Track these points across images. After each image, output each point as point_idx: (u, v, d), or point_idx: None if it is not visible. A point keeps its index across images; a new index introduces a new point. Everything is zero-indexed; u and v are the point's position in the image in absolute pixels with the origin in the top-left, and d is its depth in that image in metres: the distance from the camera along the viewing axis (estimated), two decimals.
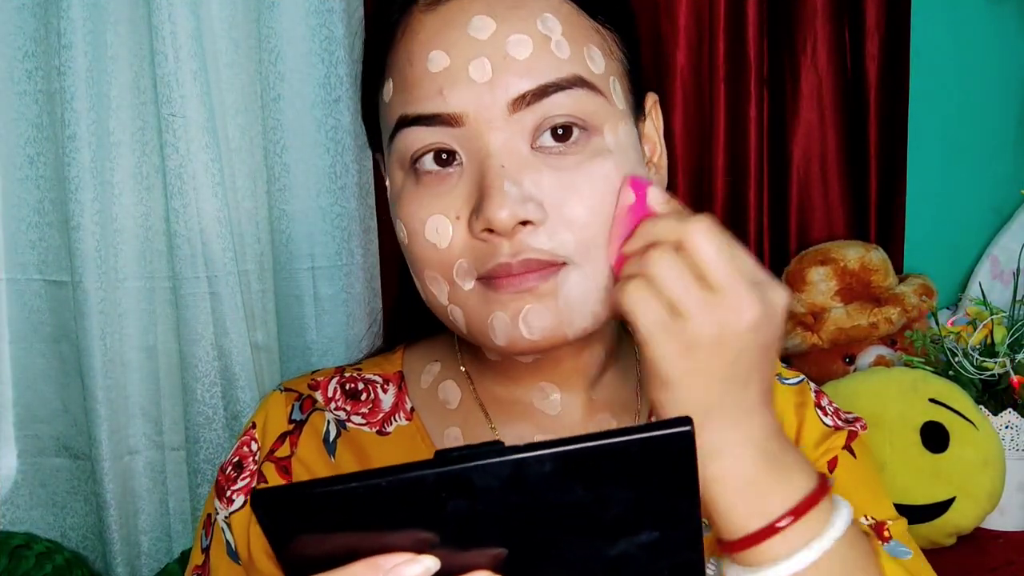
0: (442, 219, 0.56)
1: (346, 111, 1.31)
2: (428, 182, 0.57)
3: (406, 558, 0.39)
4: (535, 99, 0.55)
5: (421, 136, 0.56)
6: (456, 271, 0.57)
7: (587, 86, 0.56)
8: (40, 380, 1.34)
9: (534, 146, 0.56)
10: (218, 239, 1.27)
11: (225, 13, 1.30)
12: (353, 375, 0.71)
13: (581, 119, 0.56)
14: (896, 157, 1.51)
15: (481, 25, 0.55)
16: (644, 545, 0.40)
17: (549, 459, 0.38)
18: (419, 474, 0.38)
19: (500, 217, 0.53)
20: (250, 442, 0.68)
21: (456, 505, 0.38)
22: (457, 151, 0.56)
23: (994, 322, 1.24)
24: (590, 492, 0.38)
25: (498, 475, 0.38)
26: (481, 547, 0.39)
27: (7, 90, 1.28)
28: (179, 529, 1.36)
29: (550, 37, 0.55)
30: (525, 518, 0.39)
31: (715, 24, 1.42)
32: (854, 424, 0.71)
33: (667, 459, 0.39)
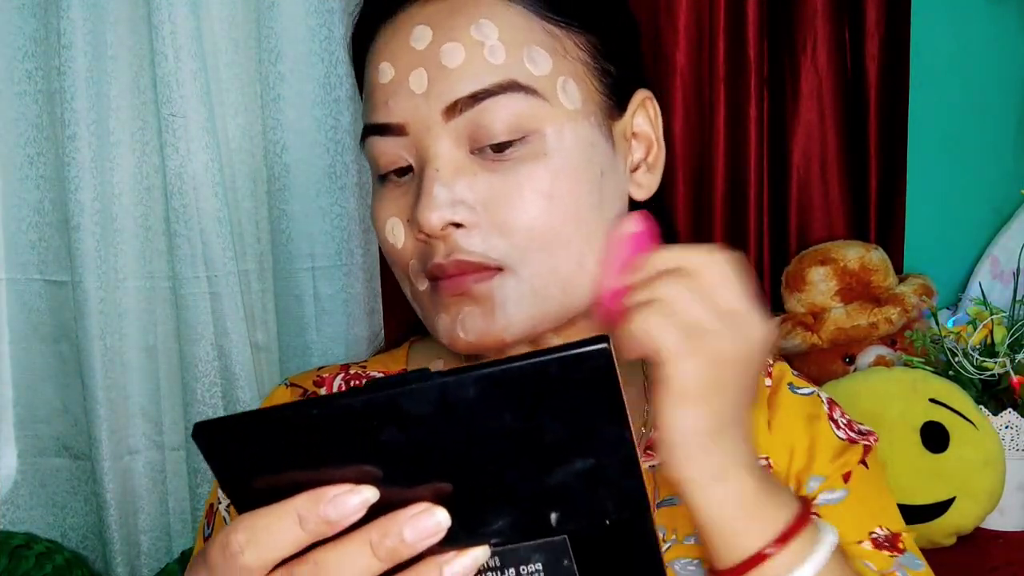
0: (396, 221, 0.59)
1: (346, 111, 1.31)
2: (391, 187, 0.60)
3: (346, 488, 0.39)
4: (467, 106, 0.56)
5: (379, 146, 0.59)
6: (411, 270, 0.60)
7: (523, 89, 0.56)
8: (40, 380, 1.34)
9: (472, 151, 0.57)
10: (218, 239, 1.27)
11: (225, 13, 1.30)
12: (358, 372, 0.72)
13: (519, 129, 0.56)
14: (896, 157, 1.51)
15: (420, 35, 0.57)
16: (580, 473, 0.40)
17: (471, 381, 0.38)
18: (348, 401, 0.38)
19: (427, 219, 0.55)
20: None
21: (390, 434, 0.38)
22: (407, 158, 0.58)
23: (994, 322, 1.23)
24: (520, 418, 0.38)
25: (427, 400, 0.38)
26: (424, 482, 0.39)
27: (7, 90, 1.28)
28: (179, 529, 1.36)
29: (483, 43, 0.56)
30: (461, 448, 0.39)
31: (715, 24, 1.42)
32: (868, 437, 0.70)
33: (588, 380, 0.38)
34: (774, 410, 0.69)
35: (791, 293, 1.44)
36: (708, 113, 1.45)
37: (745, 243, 1.47)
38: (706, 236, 1.47)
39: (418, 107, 0.56)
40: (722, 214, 1.46)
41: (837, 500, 0.65)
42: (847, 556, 0.55)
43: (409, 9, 0.58)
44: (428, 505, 0.39)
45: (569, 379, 0.38)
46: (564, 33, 0.59)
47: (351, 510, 0.39)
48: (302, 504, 0.39)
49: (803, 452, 0.67)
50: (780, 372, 0.72)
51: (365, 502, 0.39)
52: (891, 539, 0.65)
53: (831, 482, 0.66)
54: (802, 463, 0.67)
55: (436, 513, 0.39)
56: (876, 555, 0.63)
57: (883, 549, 0.64)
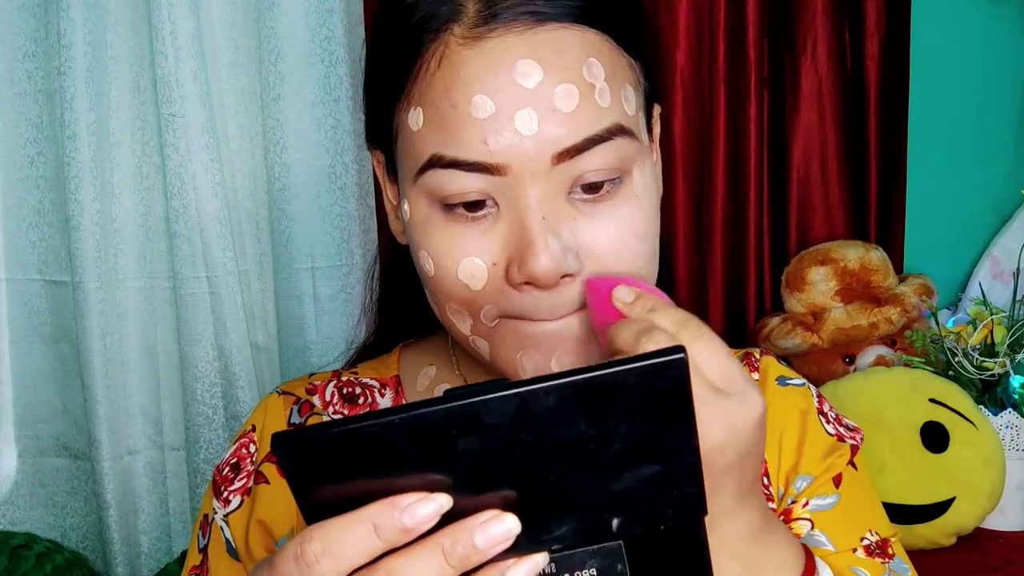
0: (477, 262, 0.55)
1: (346, 111, 1.31)
2: (460, 220, 0.56)
3: (420, 497, 0.39)
4: (578, 152, 0.54)
5: (458, 180, 0.54)
6: (484, 313, 0.57)
7: (624, 133, 0.55)
8: (40, 380, 1.34)
9: (568, 197, 0.55)
10: (218, 239, 1.27)
11: (225, 13, 1.30)
12: (350, 379, 0.71)
13: (616, 168, 0.55)
14: (896, 157, 1.51)
15: (528, 71, 0.53)
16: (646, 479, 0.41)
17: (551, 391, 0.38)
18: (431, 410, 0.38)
19: (544, 272, 0.53)
20: (248, 444, 0.69)
21: (467, 443, 0.39)
22: (494, 197, 0.55)
23: (994, 322, 1.23)
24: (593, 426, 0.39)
25: (505, 409, 0.38)
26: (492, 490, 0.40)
27: (7, 90, 1.28)
28: (179, 529, 1.36)
29: (595, 85, 0.54)
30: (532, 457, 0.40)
31: (715, 24, 1.42)
32: (854, 435, 0.70)
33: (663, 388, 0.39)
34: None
35: (791, 293, 1.44)
36: (708, 113, 1.45)
37: (745, 243, 1.47)
38: (706, 236, 1.47)
39: (525, 151, 0.53)
40: (722, 214, 1.46)
41: (829, 506, 0.66)
42: None
43: (504, 35, 0.53)
44: (499, 512, 0.39)
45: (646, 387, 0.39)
46: (637, 64, 0.58)
47: (426, 518, 0.39)
48: (377, 513, 0.39)
49: (792, 450, 0.67)
50: (766, 366, 0.72)
51: (440, 510, 0.39)
52: (881, 545, 0.65)
53: (821, 484, 0.66)
54: (791, 462, 0.67)
55: (506, 520, 0.39)
56: (869, 563, 0.64)
57: (875, 556, 0.65)
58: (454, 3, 0.54)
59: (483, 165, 0.54)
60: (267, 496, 0.66)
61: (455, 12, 0.54)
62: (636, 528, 0.41)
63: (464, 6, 0.54)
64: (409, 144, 0.57)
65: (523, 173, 0.54)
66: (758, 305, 1.49)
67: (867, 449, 1.14)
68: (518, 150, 0.53)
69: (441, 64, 0.54)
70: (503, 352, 0.58)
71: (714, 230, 1.46)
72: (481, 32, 0.53)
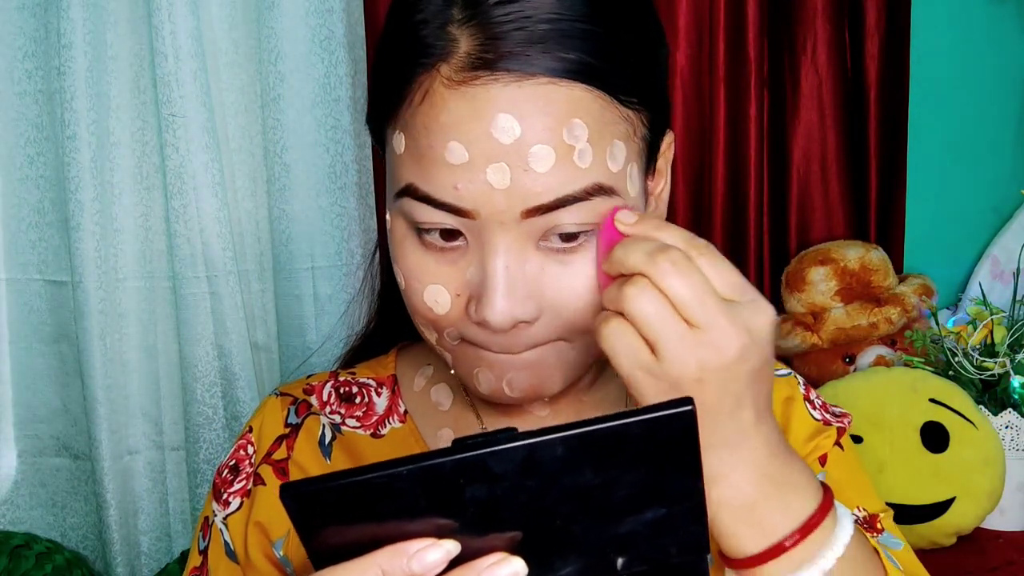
0: (442, 291, 0.57)
1: (346, 111, 1.31)
2: (432, 248, 0.57)
3: (428, 543, 0.40)
4: (549, 210, 0.53)
5: (429, 214, 0.55)
6: (447, 333, 0.58)
7: (604, 192, 0.54)
8: (40, 380, 1.34)
9: (539, 245, 0.55)
10: (218, 239, 1.27)
11: (225, 13, 1.30)
12: (347, 379, 0.72)
13: (591, 223, 0.54)
14: (896, 157, 1.51)
15: (506, 127, 0.52)
16: (651, 522, 0.42)
17: (560, 442, 0.39)
18: (439, 461, 0.39)
19: (497, 321, 0.54)
20: (246, 446, 0.69)
21: (474, 491, 0.40)
22: (464, 233, 0.55)
23: (994, 322, 1.23)
24: (599, 473, 0.40)
25: (513, 459, 0.39)
26: (498, 531, 0.41)
27: (7, 90, 1.28)
28: (179, 529, 1.36)
29: (574, 147, 0.53)
30: (539, 501, 0.41)
31: (715, 24, 1.42)
32: (842, 419, 0.71)
33: (670, 438, 0.40)
34: None
35: (791, 293, 1.44)
36: (708, 113, 1.45)
37: (745, 243, 1.47)
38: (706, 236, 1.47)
39: (495, 202, 0.53)
40: (722, 214, 1.46)
41: None
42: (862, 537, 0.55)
43: (489, 85, 0.52)
44: (505, 555, 0.40)
45: (654, 437, 0.40)
46: (634, 114, 0.56)
47: (434, 564, 0.39)
48: (385, 559, 0.39)
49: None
50: None
51: (447, 556, 0.40)
52: (869, 520, 0.66)
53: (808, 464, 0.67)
54: None
55: (513, 563, 0.40)
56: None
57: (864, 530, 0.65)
58: (449, 39, 0.53)
59: (453, 207, 0.54)
60: (265, 498, 0.66)
61: (448, 49, 0.53)
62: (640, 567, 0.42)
63: (457, 44, 0.53)
64: (393, 164, 0.58)
65: (491, 222, 0.54)
66: None
67: (867, 449, 1.14)
68: (487, 200, 0.53)
69: (424, 100, 0.54)
70: (462, 367, 0.60)
71: (714, 230, 1.46)
72: (466, 77, 0.52)
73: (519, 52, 0.52)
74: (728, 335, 0.47)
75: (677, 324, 0.48)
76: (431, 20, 0.54)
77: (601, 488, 0.40)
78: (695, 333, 0.47)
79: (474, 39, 0.53)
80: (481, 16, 0.53)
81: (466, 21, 0.53)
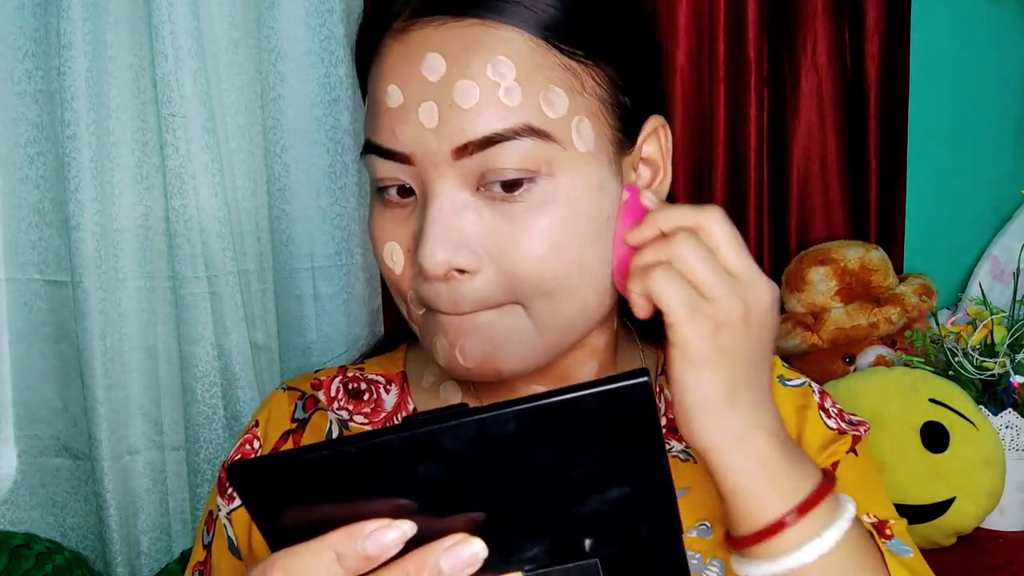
0: (396, 247, 0.57)
1: (346, 111, 1.31)
2: (390, 205, 0.58)
3: (383, 523, 0.39)
4: (478, 149, 0.53)
5: (382, 167, 0.56)
6: (410, 299, 0.58)
7: (537, 134, 0.54)
8: (40, 380, 1.34)
9: (479, 187, 0.55)
10: (218, 239, 1.27)
11: (225, 13, 1.30)
12: (356, 375, 0.71)
13: (529, 170, 0.54)
14: (896, 157, 1.51)
15: (433, 65, 0.53)
16: (615, 501, 0.40)
17: (511, 417, 0.38)
18: (387, 439, 0.38)
19: (430, 263, 0.54)
20: (252, 440, 0.69)
21: (427, 469, 0.39)
22: (411, 186, 0.56)
23: (994, 322, 1.23)
24: (557, 450, 0.39)
25: (464, 436, 0.38)
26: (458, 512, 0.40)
27: (7, 90, 1.28)
28: (179, 529, 1.36)
29: (499, 84, 0.53)
30: (497, 480, 0.39)
31: (715, 24, 1.42)
32: (858, 428, 0.70)
33: (627, 412, 0.39)
34: None
35: (791, 293, 1.44)
36: (708, 113, 1.45)
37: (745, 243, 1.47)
38: None
39: (426, 142, 0.54)
40: None
41: None
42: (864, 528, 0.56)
43: (423, 28, 0.54)
44: (464, 536, 0.39)
45: (609, 412, 0.39)
46: (584, 68, 0.56)
47: (389, 545, 0.39)
48: (339, 541, 0.39)
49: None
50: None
51: (403, 536, 0.39)
52: (878, 526, 0.66)
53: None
54: None
55: (473, 544, 0.39)
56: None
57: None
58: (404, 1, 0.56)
59: (393, 152, 0.55)
60: None
61: (399, 6, 0.56)
62: (609, 548, 0.41)
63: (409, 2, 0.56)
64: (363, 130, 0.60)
65: (426, 164, 0.55)
66: None
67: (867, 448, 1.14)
68: (420, 141, 0.54)
69: (377, 55, 0.57)
70: (426, 339, 0.59)
71: None
72: (407, 25, 0.55)
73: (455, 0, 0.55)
74: (764, 283, 0.52)
75: (719, 268, 0.51)
76: None
77: (560, 465, 0.39)
78: (737, 279, 0.51)
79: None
80: None
81: None
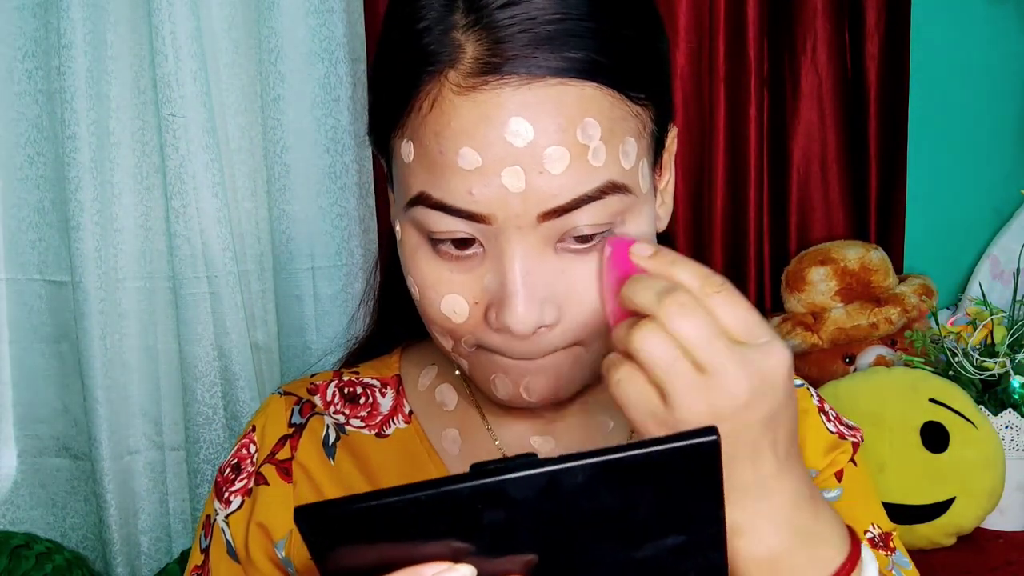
0: (460, 300, 0.56)
1: (346, 111, 1.31)
2: (447, 257, 0.56)
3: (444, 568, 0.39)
4: (565, 212, 0.53)
5: (444, 221, 0.54)
6: (464, 341, 0.58)
7: (618, 190, 0.54)
8: (40, 380, 1.34)
9: (556, 247, 0.55)
10: (218, 239, 1.27)
11: (225, 13, 1.30)
12: (351, 379, 0.71)
13: (607, 224, 0.54)
14: (896, 157, 1.51)
15: (518, 130, 0.51)
16: (670, 548, 0.41)
17: (582, 470, 0.39)
18: (456, 487, 0.39)
19: (520, 328, 0.54)
20: (249, 444, 0.69)
21: (492, 516, 0.40)
22: (480, 240, 0.55)
23: (994, 322, 1.24)
24: (620, 500, 0.40)
25: (533, 486, 0.39)
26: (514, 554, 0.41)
27: (7, 90, 1.28)
28: (179, 529, 1.36)
29: (588, 146, 0.52)
30: (558, 526, 0.40)
31: (715, 24, 1.42)
32: (855, 433, 0.71)
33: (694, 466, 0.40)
34: None
35: (791, 293, 1.44)
36: (708, 113, 1.45)
37: (745, 243, 1.47)
38: (706, 236, 1.47)
39: (511, 205, 0.52)
40: (722, 214, 1.46)
41: (833, 500, 0.66)
42: None
43: (498, 89, 0.52)
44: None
45: (677, 466, 0.40)
46: (644, 110, 0.56)
47: None
48: None
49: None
50: None
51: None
52: (884, 538, 0.66)
53: (825, 479, 0.67)
54: None
55: None
56: (875, 554, 0.64)
57: (878, 548, 0.65)
58: (454, 45, 0.53)
59: (468, 213, 0.53)
60: (266, 498, 0.66)
61: (454, 56, 0.53)
62: None
63: (463, 50, 0.52)
64: (402, 173, 0.57)
65: (508, 226, 0.53)
66: (758, 305, 1.48)
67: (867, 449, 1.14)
68: (503, 204, 0.52)
69: (433, 108, 0.53)
70: (478, 374, 0.59)
71: (714, 230, 1.46)
72: (475, 83, 0.52)
73: (526, 55, 0.52)
74: (738, 379, 0.46)
75: (686, 368, 0.46)
76: (434, 27, 0.54)
77: (621, 514, 0.40)
78: (704, 378, 0.46)
79: (480, 44, 0.52)
80: (485, 20, 0.52)
81: (470, 26, 0.53)
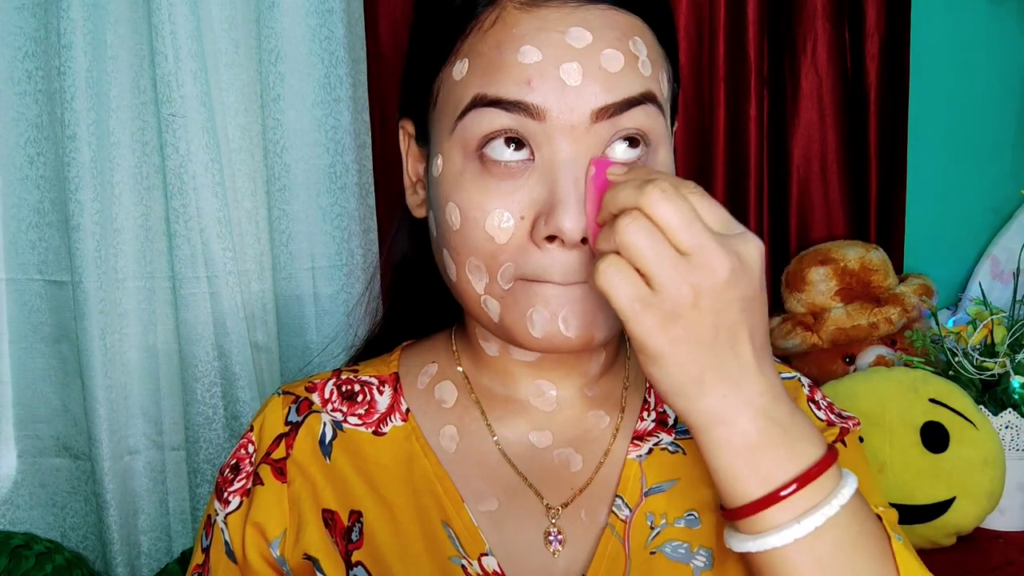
0: (507, 215, 0.57)
1: (346, 111, 1.31)
2: (496, 172, 0.57)
3: None
4: (616, 112, 0.56)
5: (498, 119, 0.56)
6: (502, 272, 0.58)
7: (658, 104, 0.59)
8: (40, 380, 1.34)
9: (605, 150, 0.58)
10: (218, 239, 1.27)
11: (225, 13, 1.30)
12: (350, 377, 0.72)
13: (648, 134, 0.58)
14: (896, 157, 1.51)
15: (578, 36, 0.56)
16: None
17: None
18: None
19: (571, 228, 0.55)
20: (247, 444, 0.70)
21: None
22: (531, 145, 0.57)
23: (994, 322, 1.24)
24: None
25: None
26: None
27: (7, 90, 1.28)
28: (179, 529, 1.36)
29: (638, 56, 0.57)
30: None
31: (715, 24, 1.42)
32: (847, 422, 0.72)
33: None
34: None
35: (791, 293, 1.44)
36: (708, 113, 1.45)
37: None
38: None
39: (567, 99, 0.56)
40: None
41: None
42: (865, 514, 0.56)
43: (559, 7, 0.57)
44: None
45: None
46: (669, 65, 0.62)
47: None
48: None
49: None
50: None
51: None
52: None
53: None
54: None
55: None
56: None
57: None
58: None
59: (525, 105, 0.56)
60: (262, 498, 0.66)
61: None
62: None
63: None
64: (451, 94, 0.59)
65: (561, 124, 0.56)
66: None
67: (867, 449, 1.14)
68: (559, 97, 0.55)
69: (495, 24, 0.57)
70: (514, 311, 0.59)
71: None
72: (537, 1, 0.57)
73: None
74: (719, 256, 0.49)
75: (669, 251, 0.49)
76: None
77: None
78: (687, 259, 0.49)
79: None
80: None
81: None
